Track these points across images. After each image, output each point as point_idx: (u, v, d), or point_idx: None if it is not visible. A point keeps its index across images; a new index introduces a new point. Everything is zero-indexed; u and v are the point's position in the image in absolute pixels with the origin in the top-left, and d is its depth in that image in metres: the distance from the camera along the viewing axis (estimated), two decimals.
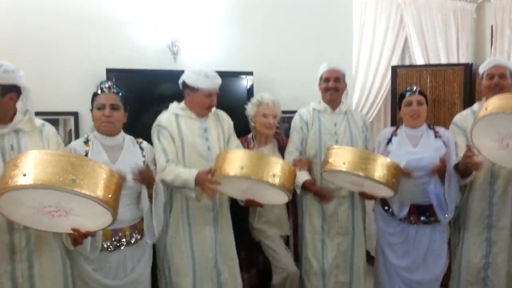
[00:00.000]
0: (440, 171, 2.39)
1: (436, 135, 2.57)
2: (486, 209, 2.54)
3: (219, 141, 2.55)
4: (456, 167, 2.41)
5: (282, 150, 2.88)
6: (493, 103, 2.08)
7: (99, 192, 1.56)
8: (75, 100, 2.93)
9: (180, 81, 2.51)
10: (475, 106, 2.66)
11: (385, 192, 2.37)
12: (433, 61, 4.64)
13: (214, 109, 2.61)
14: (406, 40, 4.67)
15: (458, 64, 3.91)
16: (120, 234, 2.14)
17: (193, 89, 2.45)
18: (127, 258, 2.18)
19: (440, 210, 2.47)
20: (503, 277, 2.53)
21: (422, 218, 2.54)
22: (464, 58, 4.82)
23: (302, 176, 2.60)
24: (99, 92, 2.18)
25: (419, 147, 2.52)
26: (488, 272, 2.56)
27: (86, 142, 2.17)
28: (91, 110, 2.22)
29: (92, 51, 3.08)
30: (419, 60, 4.61)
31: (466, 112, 2.67)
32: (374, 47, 4.50)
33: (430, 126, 2.63)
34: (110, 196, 1.60)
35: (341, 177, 2.41)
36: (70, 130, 2.98)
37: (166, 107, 2.58)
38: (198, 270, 2.47)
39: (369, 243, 3.06)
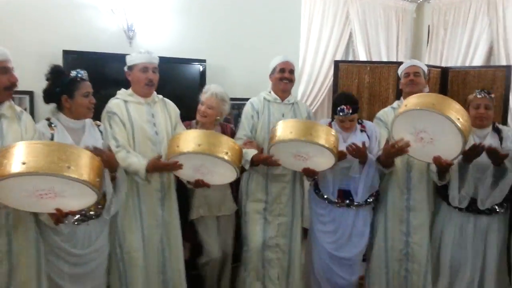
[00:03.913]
0: (360, 155, 2.66)
1: (362, 129, 2.87)
2: (404, 193, 2.87)
3: (166, 126, 2.70)
4: (379, 159, 2.72)
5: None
6: (411, 101, 2.38)
7: (91, 178, 1.76)
8: (31, 80, 2.97)
9: (125, 68, 2.67)
10: (395, 103, 3.01)
11: (327, 161, 2.57)
12: (374, 56, 5.00)
13: (160, 96, 2.77)
14: (350, 35, 4.99)
15: (393, 62, 4.27)
16: (85, 209, 2.26)
17: (131, 68, 2.63)
18: (91, 229, 2.34)
19: (354, 192, 2.80)
20: (422, 252, 2.90)
21: (347, 201, 2.85)
22: (403, 55, 5.21)
23: (251, 153, 2.75)
24: (79, 79, 2.29)
25: (348, 142, 2.75)
26: (408, 249, 2.92)
27: (50, 125, 2.27)
28: (66, 95, 2.27)
29: (49, 32, 3.13)
30: (362, 55, 4.95)
31: (388, 108, 3.00)
32: (321, 41, 4.76)
33: (358, 121, 2.91)
34: (98, 179, 1.81)
35: (287, 150, 2.57)
36: (26, 109, 3.03)
37: (120, 89, 2.70)
38: (147, 246, 2.65)
39: (306, 220, 3.39)
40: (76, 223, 2.26)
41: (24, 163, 1.66)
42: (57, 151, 1.72)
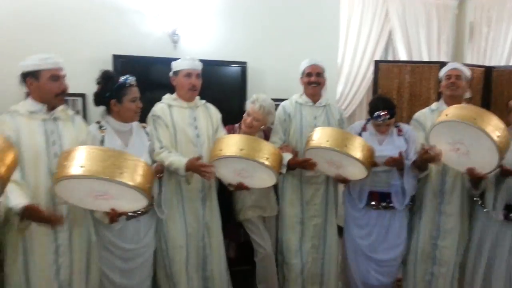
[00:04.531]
0: (397, 164, 2.70)
1: (399, 133, 2.86)
2: (437, 197, 2.88)
3: (207, 130, 2.81)
4: (414, 163, 2.73)
5: (267, 140, 3.05)
6: (453, 111, 2.40)
7: (142, 184, 1.89)
8: (83, 83, 3.11)
9: (170, 73, 2.79)
10: (433, 105, 2.97)
11: (359, 173, 2.63)
12: (415, 54, 4.94)
13: (203, 101, 2.88)
14: (390, 33, 4.94)
15: (435, 62, 4.22)
16: None
17: (176, 73, 2.75)
18: (141, 225, 2.50)
19: (396, 199, 2.81)
20: (450, 256, 2.91)
21: (383, 204, 2.87)
22: (444, 53, 5.12)
23: (287, 157, 2.82)
24: (128, 84, 2.41)
25: (383, 145, 2.80)
26: (436, 253, 2.93)
27: (100, 128, 2.42)
28: (114, 99, 2.39)
29: (99, 37, 3.30)
30: (402, 53, 4.90)
31: (425, 110, 2.98)
32: (359, 40, 4.76)
33: (395, 124, 2.88)
34: (149, 186, 1.94)
35: (322, 156, 2.64)
36: (78, 111, 3.23)
37: (166, 92, 2.83)
38: (189, 243, 2.78)
39: (340, 219, 3.43)
40: (126, 219, 2.40)
41: (82, 167, 1.81)
42: (112, 157, 1.86)
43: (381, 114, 2.72)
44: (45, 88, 2.15)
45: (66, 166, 1.84)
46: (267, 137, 3.12)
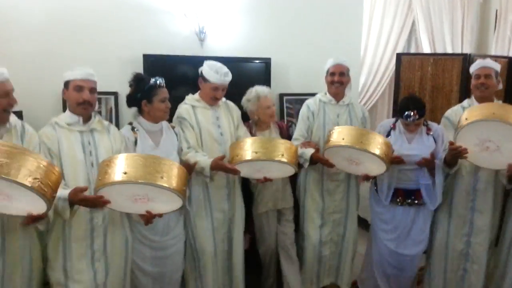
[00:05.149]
0: (428, 164, 2.76)
1: (428, 132, 2.90)
2: (470, 194, 2.88)
3: (230, 128, 2.96)
4: (444, 159, 2.76)
5: (282, 134, 3.22)
6: (472, 113, 2.42)
7: (179, 186, 2.02)
8: (116, 82, 3.29)
9: (200, 69, 2.89)
10: (465, 102, 2.97)
11: (378, 168, 2.70)
12: (438, 44, 4.93)
13: (224, 99, 3.00)
14: (413, 24, 4.95)
15: (457, 54, 4.23)
16: None
17: (205, 79, 2.85)
18: (170, 219, 2.68)
19: (428, 199, 2.85)
20: (483, 253, 2.95)
21: (408, 200, 2.93)
22: (468, 43, 5.08)
23: (310, 151, 2.97)
24: (158, 85, 2.54)
25: (412, 144, 2.86)
26: (469, 249, 2.97)
27: (133, 129, 2.58)
28: (145, 100, 2.54)
29: (130, 37, 3.43)
30: (425, 44, 4.91)
31: (457, 108, 2.98)
32: (382, 31, 4.81)
33: (424, 122, 2.90)
34: (184, 188, 2.07)
35: (340, 154, 2.75)
36: (111, 108, 3.40)
37: (193, 89, 2.97)
38: (216, 236, 2.96)
39: (366, 211, 3.53)
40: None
41: (125, 173, 1.94)
42: (152, 163, 1.99)
43: (411, 114, 2.76)
44: (69, 97, 2.29)
45: (109, 173, 1.96)
46: (281, 130, 3.26)
